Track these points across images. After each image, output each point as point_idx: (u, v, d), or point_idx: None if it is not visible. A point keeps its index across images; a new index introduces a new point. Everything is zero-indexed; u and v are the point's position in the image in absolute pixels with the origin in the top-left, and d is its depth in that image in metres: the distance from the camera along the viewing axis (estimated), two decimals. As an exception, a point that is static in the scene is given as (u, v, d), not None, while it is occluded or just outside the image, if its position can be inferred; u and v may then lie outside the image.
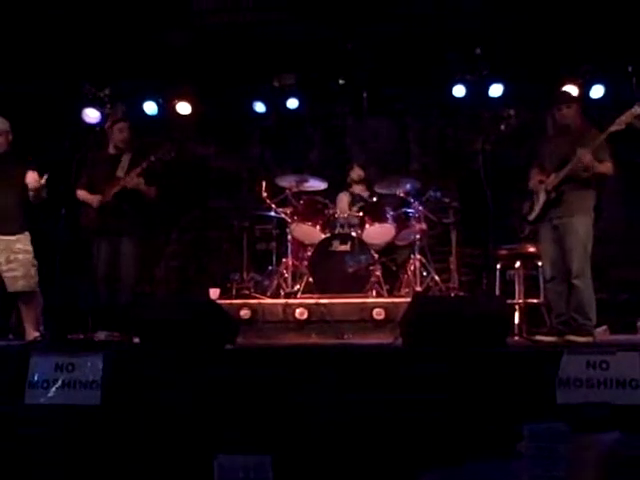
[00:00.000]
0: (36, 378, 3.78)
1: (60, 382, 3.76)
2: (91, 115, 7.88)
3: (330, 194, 7.46)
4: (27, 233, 5.69)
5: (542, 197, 5.41)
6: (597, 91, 7.49)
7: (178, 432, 3.61)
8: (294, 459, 3.23)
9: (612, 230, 7.46)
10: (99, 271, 5.98)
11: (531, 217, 5.53)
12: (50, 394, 3.75)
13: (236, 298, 6.77)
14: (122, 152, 6.12)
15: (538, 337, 5.38)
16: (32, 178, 5.56)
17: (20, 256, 5.60)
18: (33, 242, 5.73)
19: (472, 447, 3.27)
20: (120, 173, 6.00)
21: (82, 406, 3.70)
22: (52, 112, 7.62)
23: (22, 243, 5.63)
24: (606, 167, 5.22)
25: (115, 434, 3.65)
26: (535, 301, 6.46)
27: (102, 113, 7.81)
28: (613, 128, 5.09)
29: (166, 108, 8.16)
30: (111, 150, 6.20)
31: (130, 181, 5.89)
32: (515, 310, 6.41)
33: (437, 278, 6.96)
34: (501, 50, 7.57)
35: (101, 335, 5.68)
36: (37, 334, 5.59)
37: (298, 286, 6.75)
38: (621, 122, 5.06)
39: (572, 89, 7.20)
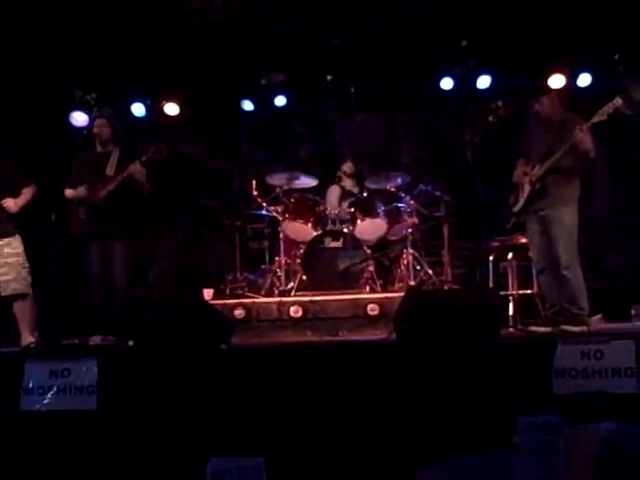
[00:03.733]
0: (31, 384, 3.76)
1: (55, 388, 3.74)
2: (79, 119, 7.83)
3: (321, 191, 7.48)
4: (17, 236, 5.70)
5: (527, 189, 5.44)
6: (584, 79, 7.50)
7: (173, 435, 3.61)
8: (289, 460, 3.23)
9: (602, 217, 7.48)
10: (92, 275, 5.96)
11: (516, 209, 5.56)
12: (46, 400, 3.73)
13: (230, 298, 6.78)
14: (110, 150, 6.08)
15: (532, 328, 5.39)
16: (9, 204, 5.63)
17: (10, 259, 5.61)
18: (25, 247, 5.73)
19: (468, 440, 3.28)
20: (109, 171, 5.94)
21: (78, 411, 3.69)
22: (40, 116, 7.58)
23: (11, 247, 5.64)
24: (592, 146, 5.22)
25: (111, 438, 3.64)
26: (529, 292, 6.46)
27: (90, 116, 7.77)
28: (595, 119, 5.11)
29: (154, 109, 8.14)
30: (98, 149, 6.16)
31: (134, 168, 5.84)
32: (509, 301, 6.41)
33: (430, 272, 6.97)
34: (488, 41, 7.57)
35: (96, 339, 5.67)
36: (32, 340, 5.57)
37: (292, 284, 6.76)
38: (603, 113, 5.08)
39: (559, 78, 7.23)
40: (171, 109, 8.11)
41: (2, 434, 3.69)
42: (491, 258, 6.66)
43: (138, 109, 8.09)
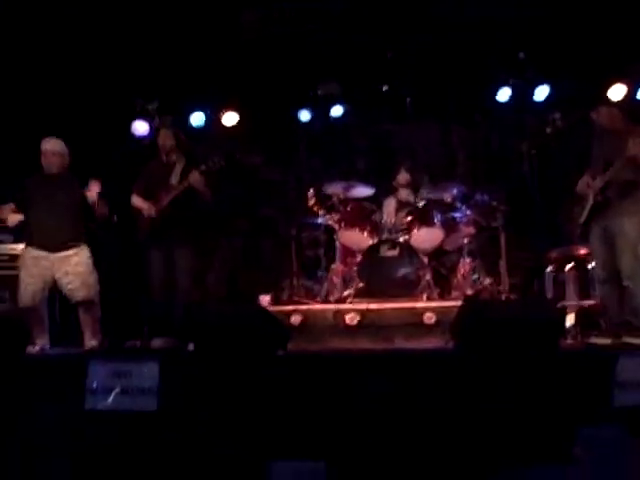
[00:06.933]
0: (95, 385, 3.85)
1: (118, 388, 3.83)
2: (140, 128, 8.02)
3: (377, 200, 7.48)
4: (85, 246, 5.82)
5: (590, 200, 5.38)
6: (645, 91, 7.39)
7: (232, 438, 3.65)
8: (347, 465, 3.25)
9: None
10: (154, 280, 6.09)
11: (581, 220, 5.50)
12: (108, 400, 3.82)
13: (287, 304, 6.81)
14: (174, 160, 6.24)
15: (593, 340, 5.31)
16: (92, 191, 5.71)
17: (78, 268, 5.72)
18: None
19: (528, 452, 3.25)
20: (174, 180, 6.12)
21: (139, 412, 3.77)
22: (103, 126, 7.78)
23: (79, 256, 5.75)
24: None
25: (171, 439, 3.71)
26: (588, 303, 6.36)
27: (151, 126, 7.95)
28: None
29: (213, 119, 8.27)
30: (163, 159, 6.32)
31: (193, 177, 5.99)
32: (568, 313, 6.32)
33: (487, 282, 6.91)
34: (546, 52, 7.51)
35: (157, 342, 5.76)
36: (95, 342, 5.70)
37: (348, 291, 6.76)
38: None
39: (620, 88, 7.13)
40: (230, 119, 8.22)
41: (68, 431, 3.80)
42: (549, 269, 6.58)
43: (197, 118, 8.22)
